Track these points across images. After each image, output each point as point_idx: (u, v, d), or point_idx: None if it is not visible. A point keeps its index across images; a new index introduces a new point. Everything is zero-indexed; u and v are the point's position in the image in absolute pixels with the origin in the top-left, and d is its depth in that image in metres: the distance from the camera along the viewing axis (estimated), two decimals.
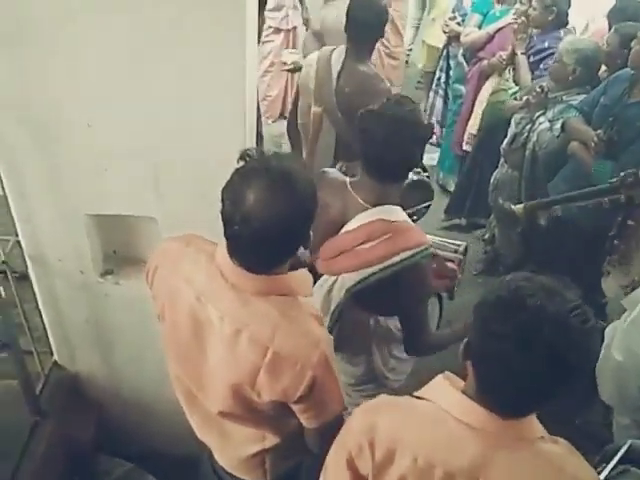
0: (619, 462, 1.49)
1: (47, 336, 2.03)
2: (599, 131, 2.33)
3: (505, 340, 0.91)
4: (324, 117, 2.51)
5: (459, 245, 1.96)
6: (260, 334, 1.14)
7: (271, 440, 1.32)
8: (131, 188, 1.69)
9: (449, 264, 1.86)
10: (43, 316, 1.97)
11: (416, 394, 1.09)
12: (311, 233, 1.18)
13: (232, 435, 1.34)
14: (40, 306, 1.95)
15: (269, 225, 1.06)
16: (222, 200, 1.10)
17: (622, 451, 1.55)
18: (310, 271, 1.30)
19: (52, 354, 2.07)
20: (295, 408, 1.21)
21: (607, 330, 2.14)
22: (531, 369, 0.90)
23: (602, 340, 2.09)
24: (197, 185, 1.66)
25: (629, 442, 1.57)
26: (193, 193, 1.68)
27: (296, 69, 3.55)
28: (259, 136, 2.30)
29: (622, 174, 2.05)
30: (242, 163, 1.11)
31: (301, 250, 1.22)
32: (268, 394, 1.17)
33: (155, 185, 1.67)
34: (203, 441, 1.43)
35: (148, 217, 1.74)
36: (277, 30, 4.55)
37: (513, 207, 2.53)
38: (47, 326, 1.99)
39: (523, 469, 0.96)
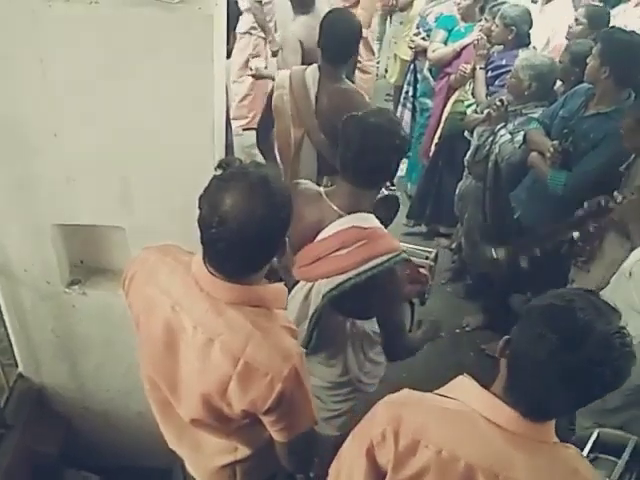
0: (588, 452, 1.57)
1: (12, 347, 2.00)
2: (555, 142, 2.42)
3: (550, 344, 0.96)
4: (305, 139, 2.48)
5: (430, 252, 2.03)
6: (232, 344, 1.15)
7: (242, 452, 1.34)
8: (99, 198, 1.69)
9: (421, 270, 1.92)
10: (8, 327, 1.95)
11: (438, 392, 1.12)
12: (286, 240, 1.20)
13: (204, 445, 1.36)
14: (5, 317, 1.92)
15: (246, 228, 1.08)
16: (199, 206, 1.13)
17: (591, 440, 1.62)
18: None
19: (17, 366, 2.04)
20: (264, 420, 1.22)
21: None
22: (567, 376, 0.95)
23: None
24: (165, 195, 1.67)
25: (597, 431, 1.64)
26: (161, 203, 1.69)
27: (258, 76, 3.74)
28: (229, 147, 2.31)
29: (586, 205, 2.13)
30: (220, 171, 1.14)
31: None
32: (238, 404, 1.18)
33: (123, 195, 1.68)
34: (176, 451, 1.44)
35: (116, 227, 1.74)
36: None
37: (494, 254, 2.61)
38: (12, 337, 1.97)
39: (542, 471, 1.01)
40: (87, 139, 1.59)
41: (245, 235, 1.09)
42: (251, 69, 3.71)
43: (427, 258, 2.00)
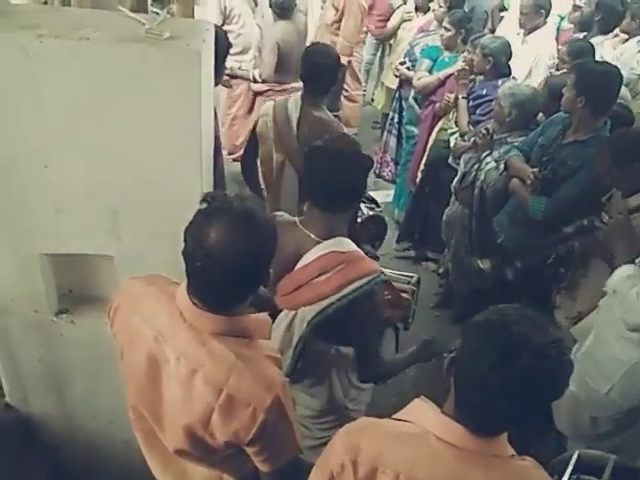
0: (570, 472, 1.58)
1: None
2: (535, 169, 2.49)
3: (488, 359, 0.98)
4: (286, 163, 2.59)
5: (411, 277, 2.05)
6: (215, 375, 1.16)
7: None
8: (88, 227, 1.71)
9: (402, 294, 1.94)
10: None
11: (395, 417, 1.14)
12: (270, 271, 1.22)
13: (190, 475, 1.35)
14: None
15: (231, 261, 1.11)
16: (185, 239, 1.15)
17: (573, 461, 1.63)
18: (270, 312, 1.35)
19: (3, 395, 2.03)
20: (248, 451, 1.22)
21: None
22: (507, 390, 0.98)
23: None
24: (154, 223, 1.70)
25: (577, 452, 1.65)
26: (150, 232, 1.71)
27: (233, 75, 4.05)
28: (220, 176, 2.36)
29: (575, 224, 2.18)
30: (205, 205, 1.16)
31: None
32: (221, 436, 1.18)
33: (112, 224, 1.70)
34: None
35: (104, 255, 1.76)
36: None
37: (480, 264, 2.66)
38: None
39: None
40: (76, 170, 1.62)
41: (230, 268, 1.11)
42: (226, 68, 3.90)
43: (409, 283, 2.02)
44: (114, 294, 1.43)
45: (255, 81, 3.99)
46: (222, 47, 2.22)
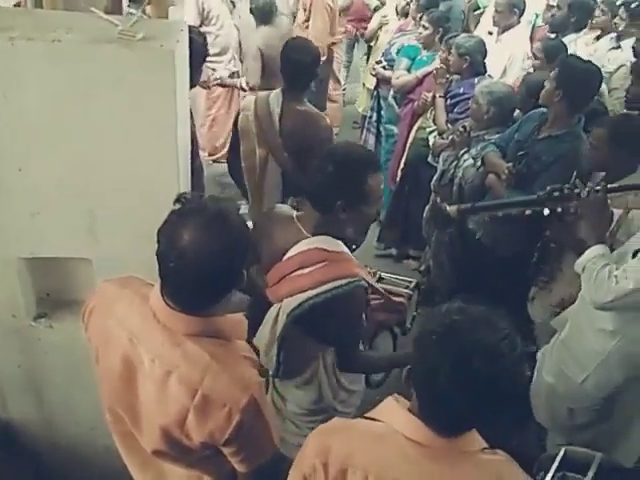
0: (556, 469, 1.59)
1: None
2: (509, 164, 2.52)
3: (440, 371, 0.98)
4: (269, 158, 2.61)
5: (410, 282, 2.08)
6: (189, 376, 1.16)
7: None
8: (65, 231, 1.70)
9: (397, 298, 1.95)
10: None
11: (367, 415, 1.15)
12: (244, 272, 1.22)
13: (169, 476, 1.35)
14: None
15: (203, 262, 1.11)
16: (158, 240, 1.15)
17: (559, 458, 1.65)
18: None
19: None
20: (225, 451, 1.23)
21: (538, 354, 2.27)
22: (466, 397, 0.98)
23: (533, 364, 2.22)
24: (131, 227, 1.70)
25: (564, 449, 1.67)
26: (127, 235, 1.71)
27: (222, 84, 4.12)
28: (198, 177, 2.35)
29: (549, 188, 2.18)
30: (178, 206, 1.16)
31: None
32: (196, 436, 1.18)
33: (89, 227, 1.69)
34: None
35: (82, 259, 1.75)
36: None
37: (448, 208, 2.71)
38: None
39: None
40: (52, 172, 1.61)
41: (202, 269, 1.12)
42: (216, 78, 3.98)
43: (407, 287, 2.04)
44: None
45: (243, 89, 4.01)
46: (198, 50, 2.23)
